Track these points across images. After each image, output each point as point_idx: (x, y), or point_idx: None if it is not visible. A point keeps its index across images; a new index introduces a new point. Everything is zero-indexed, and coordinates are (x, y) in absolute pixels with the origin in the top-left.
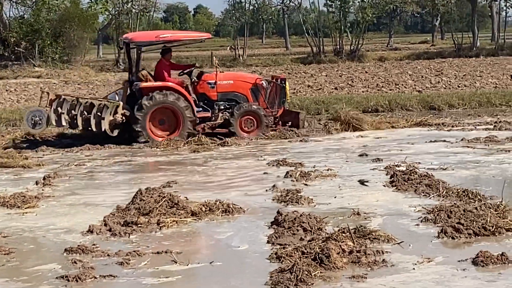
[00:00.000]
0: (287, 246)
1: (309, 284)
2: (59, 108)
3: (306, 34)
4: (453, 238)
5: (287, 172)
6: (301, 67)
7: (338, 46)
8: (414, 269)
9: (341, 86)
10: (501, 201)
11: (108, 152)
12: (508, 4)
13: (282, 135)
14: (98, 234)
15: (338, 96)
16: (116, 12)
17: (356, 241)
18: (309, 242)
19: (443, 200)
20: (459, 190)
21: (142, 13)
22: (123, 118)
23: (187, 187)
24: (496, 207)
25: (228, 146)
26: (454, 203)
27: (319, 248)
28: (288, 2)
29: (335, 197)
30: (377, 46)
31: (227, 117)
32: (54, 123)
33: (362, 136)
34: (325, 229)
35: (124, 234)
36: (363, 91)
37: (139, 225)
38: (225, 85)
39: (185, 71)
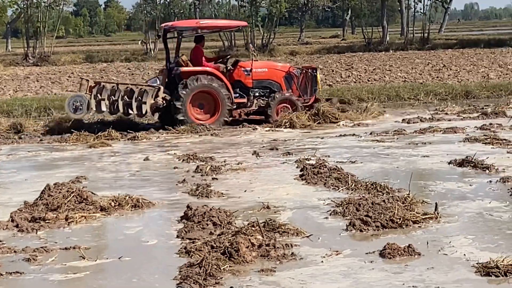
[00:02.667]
0: (196, 240)
1: (218, 278)
2: (98, 95)
3: None
4: (361, 230)
5: (198, 167)
6: None
7: (249, 40)
8: (322, 262)
9: None
10: (408, 194)
11: (11, 147)
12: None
13: (193, 129)
14: (5, 230)
15: None
16: (25, 6)
17: (266, 234)
18: (218, 236)
19: (351, 193)
20: (367, 183)
21: (51, 6)
22: (164, 101)
23: (96, 182)
24: (403, 200)
25: (138, 140)
26: (363, 196)
27: (228, 242)
28: None
29: (245, 191)
30: (289, 41)
31: (262, 104)
32: (94, 108)
33: (276, 131)
34: (235, 223)
35: (31, 230)
36: None
37: (47, 221)
38: (260, 73)
39: (221, 59)
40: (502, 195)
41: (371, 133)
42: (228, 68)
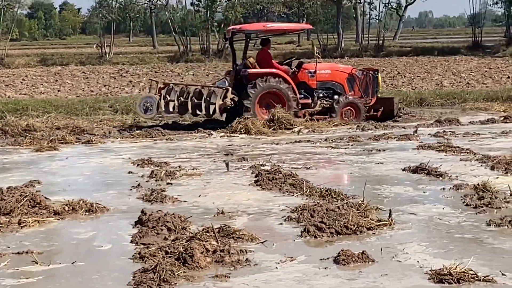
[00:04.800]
0: (150, 245)
1: (172, 284)
2: (167, 96)
3: (174, 32)
4: (315, 237)
5: (152, 172)
6: (168, 65)
7: (205, 45)
8: (276, 268)
9: (208, 85)
10: (363, 200)
11: None
12: (371, 6)
13: (149, 134)
14: None
15: None
16: None
17: (220, 240)
18: (173, 242)
19: (306, 199)
20: (322, 189)
21: (6, 9)
22: (232, 102)
23: (49, 187)
24: (357, 206)
25: (92, 145)
26: (317, 202)
27: (182, 248)
28: (155, 0)
29: (199, 196)
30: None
31: (325, 105)
32: (163, 109)
33: (231, 136)
34: (189, 229)
35: None
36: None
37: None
38: (323, 74)
39: (286, 61)
40: (455, 202)
41: (326, 140)
42: (293, 70)
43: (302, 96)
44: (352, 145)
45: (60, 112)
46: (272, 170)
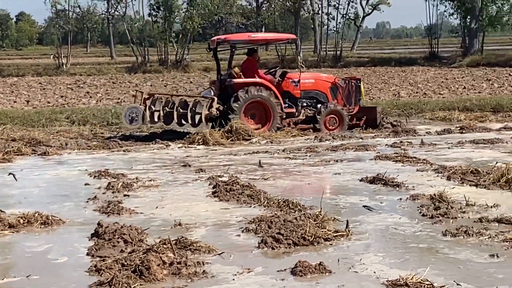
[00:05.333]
0: (107, 258)
1: None
2: (152, 106)
3: (131, 43)
4: (273, 248)
5: (109, 183)
6: (125, 76)
7: (163, 56)
8: (234, 279)
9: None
10: (320, 211)
11: None
12: (329, 17)
13: (106, 145)
14: None
15: None
16: None
17: (177, 252)
18: (129, 254)
19: (264, 210)
20: (279, 200)
21: None
22: (217, 112)
23: (3, 199)
24: (315, 217)
25: (48, 156)
26: (275, 213)
27: (139, 260)
28: (112, 11)
29: (156, 208)
30: (203, 57)
31: (309, 114)
32: (148, 119)
33: (189, 147)
34: (146, 241)
35: None
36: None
37: None
38: (307, 83)
39: (269, 71)
40: (412, 212)
41: (283, 150)
42: (277, 79)
43: (287, 105)
44: (310, 156)
45: (16, 124)
46: (230, 181)
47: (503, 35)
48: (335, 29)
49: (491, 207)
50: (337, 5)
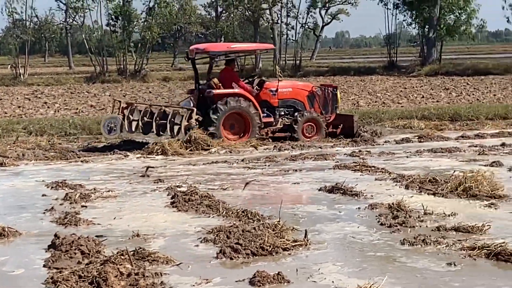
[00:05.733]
0: (64, 270)
1: None
2: (130, 115)
3: (90, 53)
4: (231, 258)
5: (67, 194)
6: (84, 86)
7: (122, 66)
8: None
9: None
10: (279, 221)
11: None
12: (288, 27)
13: (63, 156)
14: None
15: None
16: None
17: (135, 263)
18: (86, 266)
19: (223, 220)
20: (238, 210)
21: None
22: (197, 123)
23: None
24: (273, 227)
25: (6, 166)
26: (234, 223)
27: (96, 272)
28: (70, 21)
29: (114, 219)
30: (162, 66)
31: (286, 123)
32: (127, 129)
33: (148, 158)
34: (104, 252)
35: None
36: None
37: None
38: (285, 92)
39: (247, 80)
40: (370, 221)
41: (242, 160)
42: (255, 88)
43: (265, 114)
44: (269, 166)
45: None
46: (189, 191)
47: (460, 44)
48: (294, 38)
49: (449, 215)
50: (296, 15)
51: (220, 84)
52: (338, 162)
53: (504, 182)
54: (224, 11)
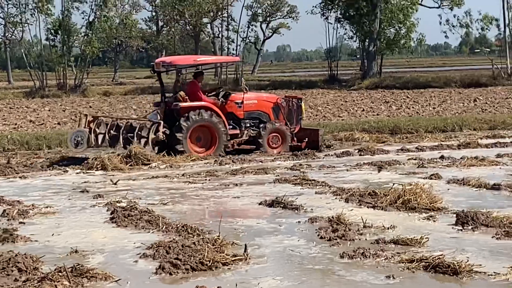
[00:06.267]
0: (0, 287)
1: None
2: (96, 129)
3: (29, 67)
4: (170, 274)
5: (4, 210)
6: (23, 101)
7: (62, 80)
8: None
9: (64, 121)
10: (218, 235)
11: None
12: (229, 41)
13: (1, 172)
14: None
15: (61, 131)
16: None
17: (73, 280)
18: (23, 283)
19: (162, 235)
20: (178, 225)
21: None
22: (164, 136)
23: None
24: (213, 242)
25: None
26: (173, 239)
27: None
28: (9, 35)
29: (53, 235)
30: (103, 81)
31: (252, 134)
32: (93, 142)
33: (87, 173)
34: (41, 269)
35: None
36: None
37: None
38: (250, 104)
39: (213, 92)
40: (310, 235)
41: (183, 175)
42: (221, 100)
43: (231, 126)
44: (209, 180)
45: None
46: (128, 206)
47: (400, 58)
48: (235, 52)
49: (388, 228)
50: (237, 29)
51: (187, 97)
52: (278, 176)
53: (442, 194)
54: (165, 26)
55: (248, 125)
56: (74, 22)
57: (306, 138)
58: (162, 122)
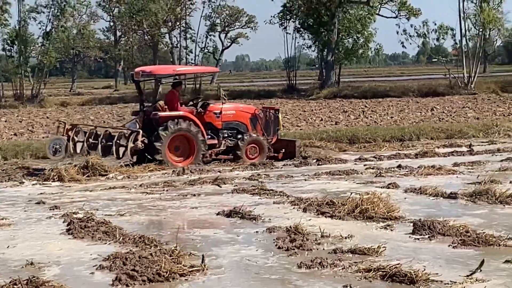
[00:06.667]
0: None
1: None
2: (75, 137)
3: None
4: (127, 285)
5: None
6: None
7: (18, 91)
8: None
9: (21, 132)
10: (176, 246)
11: None
12: (187, 51)
13: None
14: None
15: (17, 142)
16: None
17: None
18: None
19: (119, 246)
20: (135, 236)
21: None
22: (143, 144)
23: None
24: (170, 253)
25: None
26: (130, 250)
27: None
28: None
29: (8, 247)
30: (60, 91)
31: (230, 144)
32: (72, 151)
33: (44, 184)
34: None
35: None
36: (43, 137)
37: None
38: (228, 115)
39: (192, 102)
40: (268, 245)
41: (140, 185)
42: (199, 110)
43: (209, 136)
44: (167, 190)
45: None
46: (85, 218)
47: (358, 67)
48: (193, 62)
49: (346, 238)
50: (195, 39)
51: (166, 107)
52: (236, 186)
53: (399, 203)
54: (123, 36)
55: (226, 135)
56: (31, 32)
57: (283, 149)
58: (141, 131)
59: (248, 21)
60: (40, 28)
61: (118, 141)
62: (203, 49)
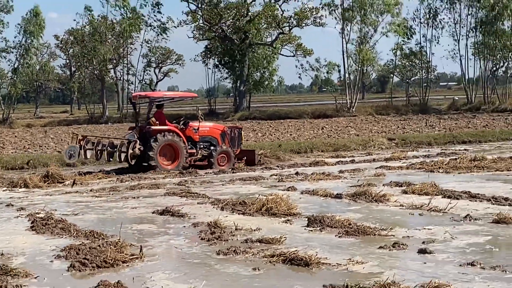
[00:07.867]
0: None
1: None
2: (85, 145)
3: None
4: (80, 271)
5: None
6: None
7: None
8: None
9: None
10: (119, 239)
11: None
12: (129, 83)
13: None
14: None
15: None
16: None
17: None
18: None
19: (74, 240)
20: (87, 231)
21: None
22: (139, 151)
23: None
24: (115, 244)
25: None
26: (82, 242)
27: None
28: None
29: None
30: (26, 115)
31: (204, 154)
32: (83, 156)
33: (12, 190)
34: None
35: None
36: (12, 152)
37: None
38: (204, 130)
39: (176, 121)
40: (193, 236)
41: (91, 190)
42: (181, 127)
43: (189, 147)
44: (112, 194)
45: None
46: (46, 217)
47: (264, 95)
48: (134, 92)
49: (255, 230)
50: (134, 73)
51: (157, 122)
52: (168, 190)
53: (297, 202)
54: (76, 71)
55: (202, 146)
56: (2, 68)
57: (245, 157)
58: (138, 140)
59: (177, 58)
60: (9, 65)
61: (120, 149)
62: (141, 81)
